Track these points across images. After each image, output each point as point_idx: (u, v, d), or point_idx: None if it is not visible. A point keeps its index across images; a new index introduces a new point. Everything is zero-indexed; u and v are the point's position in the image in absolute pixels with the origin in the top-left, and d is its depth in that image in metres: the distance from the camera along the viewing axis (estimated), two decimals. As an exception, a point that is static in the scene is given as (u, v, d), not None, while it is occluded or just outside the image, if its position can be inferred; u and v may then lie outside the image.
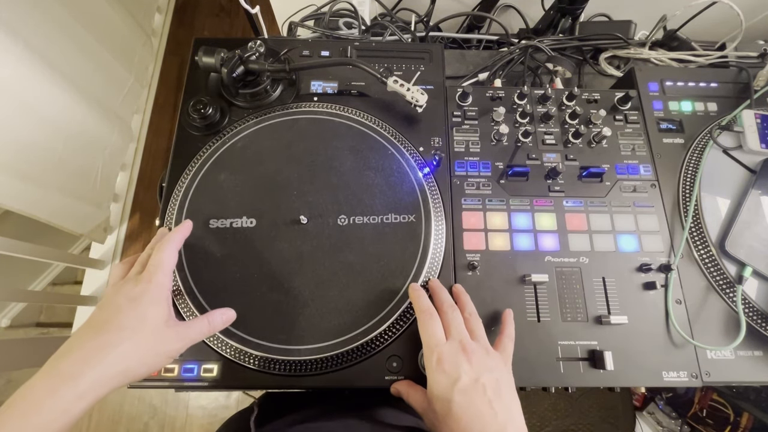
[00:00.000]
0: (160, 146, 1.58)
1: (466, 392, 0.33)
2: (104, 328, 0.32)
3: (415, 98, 0.47)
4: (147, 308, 0.33)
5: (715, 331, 0.45)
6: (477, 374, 0.34)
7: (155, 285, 0.34)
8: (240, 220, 0.45)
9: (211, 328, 0.37)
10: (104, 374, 0.30)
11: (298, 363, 0.41)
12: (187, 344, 0.35)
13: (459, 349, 0.35)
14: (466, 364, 0.34)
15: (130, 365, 0.32)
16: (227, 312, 0.39)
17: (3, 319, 1.30)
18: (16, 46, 0.92)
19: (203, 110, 0.48)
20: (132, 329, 0.32)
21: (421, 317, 0.38)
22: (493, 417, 0.32)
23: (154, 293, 0.34)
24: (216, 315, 0.38)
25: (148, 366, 0.33)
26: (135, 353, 0.32)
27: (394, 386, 0.40)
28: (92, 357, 0.30)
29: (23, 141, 0.97)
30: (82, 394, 0.29)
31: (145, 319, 0.33)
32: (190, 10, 1.83)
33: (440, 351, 0.35)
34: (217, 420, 1.32)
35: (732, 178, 0.51)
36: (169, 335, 0.34)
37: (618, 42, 0.69)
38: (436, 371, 0.34)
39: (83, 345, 0.31)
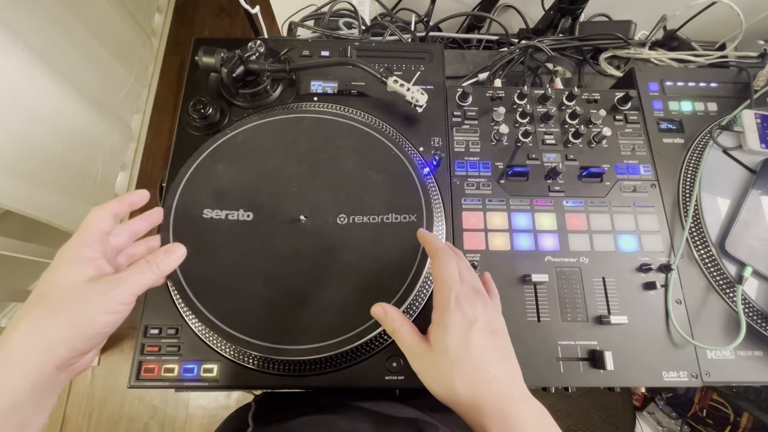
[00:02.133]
0: (160, 146, 1.58)
1: (483, 334, 0.33)
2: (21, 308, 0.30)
3: (415, 98, 0.47)
4: (57, 271, 0.30)
5: (715, 331, 0.45)
6: (491, 319, 0.34)
7: (69, 246, 0.32)
8: (237, 212, 0.44)
9: (153, 269, 0.33)
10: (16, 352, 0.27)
11: (297, 363, 0.41)
12: (126, 294, 0.31)
13: (474, 292, 0.35)
14: (482, 307, 0.34)
15: (47, 335, 0.28)
16: (174, 248, 0.35)
17: (3, 319, 1.30)
18: (16, 46, 0.92)
19: (203, 110, 0.48)
20: (42, 296, 0.29)
21: (438, 254, 0.36)
22: (504, 361, 0.33)
23: (67, 254, 0.31)
24: (159, 255, 0.34)
25: (77, 329, 0.29)
26: (50, 320, 0.28)
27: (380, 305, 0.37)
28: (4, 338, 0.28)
29: (23, 141, 0.97)
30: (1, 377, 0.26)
31: (56, 281, 0.30)
32: (190, 10, 1.83)
33: (458, 290, 0.34)
34: (217, 420, 1.31)
35: (732, 178, 0.51)
36: (94, 289, 0.30)
37: (618, 42, 0.69)
38: (455, 309, 0.33)
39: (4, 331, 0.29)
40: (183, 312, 0.43)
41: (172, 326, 0.42)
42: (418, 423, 0.41)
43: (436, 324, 0.34)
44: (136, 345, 0.42)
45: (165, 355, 0.42)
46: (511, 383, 0.33)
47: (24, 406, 0.27)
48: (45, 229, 1.14)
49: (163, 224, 0.42)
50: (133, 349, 0.42)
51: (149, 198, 0.39)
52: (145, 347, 0.42)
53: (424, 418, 0.42)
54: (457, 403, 0.32)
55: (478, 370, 0.32)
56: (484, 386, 0.31)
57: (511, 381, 0.33)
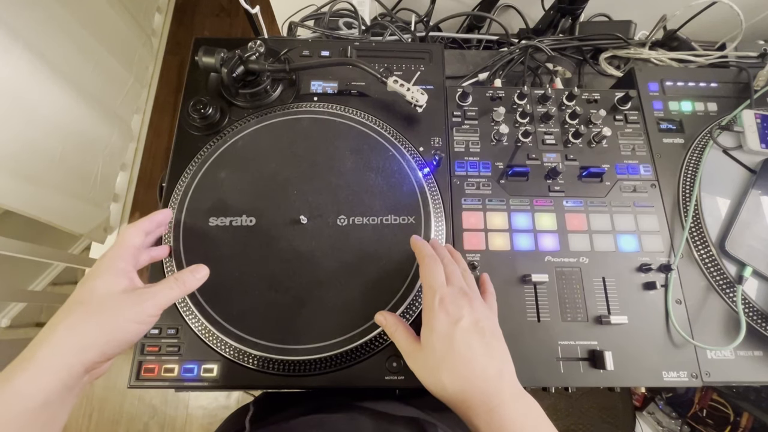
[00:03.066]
0: (160, 146, 1.58)
1: (468, 332, 0.34)
2: (59, 311, 0.32)
3: (415, 98, 0.47)
4: (95, 280, 0.33)
5: (715, 331, 0.45)
6: (477, 317, 0.35)
7: (107, 258, 0.35)
8: (240, 218, 0.45)
9: (180, 286, 0.36)
10: (53, 352, 0.29)
11: (297, 363, 0.41)
12: (155, 307, 0.34)
13: (460, 294, 0.36)
14: (468, 307, 0.35)
15: (82, 339, 0.30)
16: (198, 269, 0.38)
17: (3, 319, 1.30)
18: (16, 46, 0.92)
19: (203, 110, 0.48)
20: (80, 302, 0.32)
21: (425, 260, 0.38)
22: (491, 357, 0.34)
23: (105, 265, 0.34)
24: (185, 273, 0.37)
25: (109, 335, 0.31)
26: (84, 325, 0.31)
27: (381, 314, 0.40)
28: (42, 338, 0.30)
29: (23, 141, 0.97)
30: (34, 376, 0.28)
31: (94, 290, 0.33)
32: (190, 10, 1.83)
33: (443, 292, 0.36)
34: (217, 420, 1.31)
35: (732, 178, 0.51)
36: (127, 300, 0.33)
37: (618, 42, 0.69)
38: (439, 310, 0.35)
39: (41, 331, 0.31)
40: (183, 312, 0.43)
41: (172, 326, 0.42)
42: (418, 422, 0.41)
43: (425, 325, 0.36)
44: (136, 345, 0.42)
45: (165, 355, 0.42)
46: (500, 378, 0.34)
47: (53, 404, 0.29)
48: (45, 229, 1.14)
49: (174, 236, 0.44)
50: (133, 349, 0.42)
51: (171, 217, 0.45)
52: (145, 347, 0.42)
53: (424, 417, 0.42)
54: (447, 399, 0.34)
55: (464, 366, 0.33)
56: (470, 381, 0.33)
57: (499, 376, 0.34)
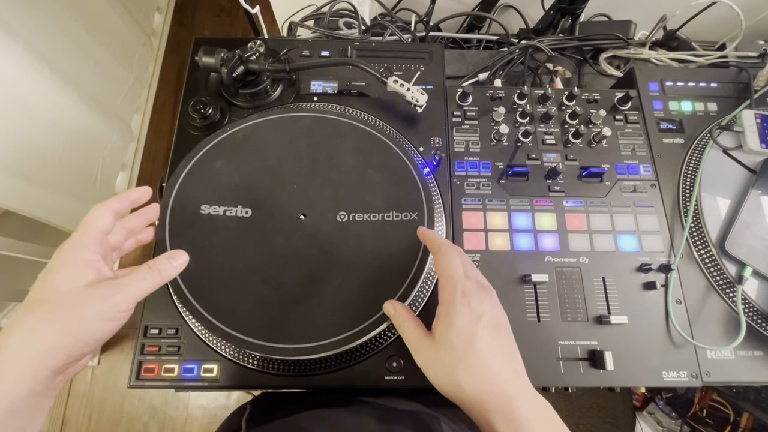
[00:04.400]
0: (160, 146, 1.58)
1: (489, 329, 0.32)
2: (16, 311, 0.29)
3: (415, 98, 0.47)
4: (56, 274, 0.29)
5: (715, 331, 0.45)
6: (496, 314, 0.34)
7: (67, 247, 0.31)
8: (235, 208, 0.43)
9: (155, 275, 0.32)
10: (13, 358, 0.27)
11: (297, 363, 0.41)
12: (126, 301, 0.30)
13: (479, 287, 0.34)
14: (489, 302, 0.34)
15: (44, 341, 0.27)
16: (175, 255, 0.34)
17: (3, 319, 1.30)
18: (16, 46, 0.92)
19: (203, 110, 0.48)
20: (39, 301, 0.29)
21: (441, 249, 0.36)
22: (510, 356, 0.33)
23: (65, 256, 0.30)
24: (161, 261, 0.33)
25: (76, 335, 0.28)
26: (46, 326, 0.28)
27: (392, 303, 0.37)
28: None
29: (23, 141, 0.97)
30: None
31: (55, 285, 0.29)
32: (190, 10, 1.83)
33: (464, 284, 0.33)
34: (217, 420, 1.31)
35: (732, 178, 0.51)
36: (93, 295, 0.29)
37: (618, 42, 0.69)
38: (461, 303, 0.32)
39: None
40: (183, 312, 0.42)
41: (172, 326, 0.42)
42: (423, 416, 0.41)
43: (442, 319, 0.33)
44: (136, 345, 0.42)
45: (165, 355, 0.41)
46: (517, 378, 0.33)
47: (21, 411, 0.27)
48: (45, 229, 1.14)
49: (160, 219, 0.41)
50: (133, 349, 0.42)
51: (150, 195, 0.39)
52: (145, 347, 0.42)
53: (427, 412, 0.41)
54: (462, 398, 0.32)
55: (483, 365, 0.31)
56: (490, 381, 0.31)
57: (516, 375, 0.33)
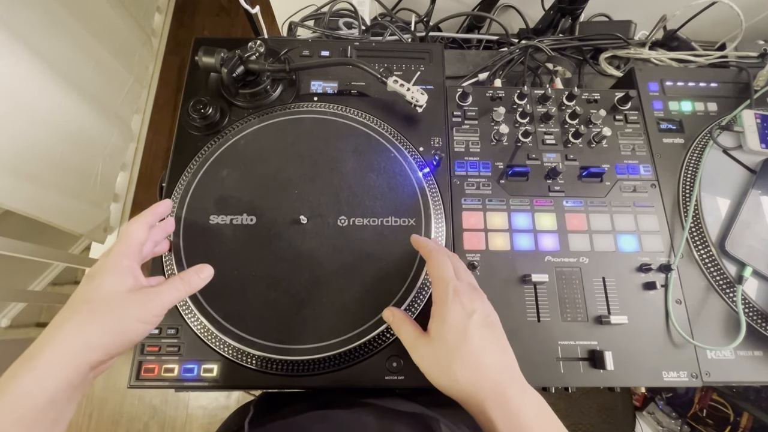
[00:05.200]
0: (160, 146, 1.58)
1: (481, 325, 0.34)
2: (63, 308, 0.32)
3: (415, 98, 0.47)
4: (102, 278, 0.33)
5: (715, 331, 0.45)
6: (488, 312, 0.36)
7: (112, 255, 0.34)
8: (240, 217, 0.45)
9: (186, 286, 0.36)
10: (60, 351, 0.29)
11: (297, 363, 0.41)
12: (160, 307, 0.34)
13: (470, 288, 0.36)
14: (480, 301, 0.36)
15: (89, 338, 0.30)
16: (203, 269, 0.38)
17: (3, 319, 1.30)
18: (16, 46, 0.92)
19: (203, 110, 0.48)
20: (86, 301, 0.32)
21: (432, 254, 0.38)
22: (502, 351, 0.35)
23: (111, 263, 0.34)
24: (190, 273, 0.37)
25: (115, 335, 0.31)
26: (91, 324, 0.31)
27: (390, 309, 0.40)
28: (48, 336, 0.30)
29: (23, 141, 0.97)
30: (42, 375, 0.28)
31: (100, 288, 0.32)
32: (190, 10, 1.83)
33: (455, 284, 0.35)
34: (217, 420, 1.32)
35: (732, 178, 0.51)
36: (133, 300, 0.33)
37: (618, 42, 0.69)
38: (453, 302, 0.34)
39: (46, 329, 0.31)
40: (183, 312, 0.43)
41: (172, 326, 0.42)
42: (422, 417, 0.41)
43: (435, 317, 0.35)
44: (136, 345, 0.42)
45: (165, 355, 0.42)
46: (511, 372, 0.34)
47: (60, 401, 0.29)
48: (45, 229, 1.14)
49: (174, 232, 0.44)
50: (133, 349, 0.42)
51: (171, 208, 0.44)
52: (145, 347, 0.42)
53: (427, 413, 0.42)
54: (457, 391, 0.33)
55: (477, 358, 0.33)
56: (483, 373, 0.33)
57: (510, 369, 0.34)
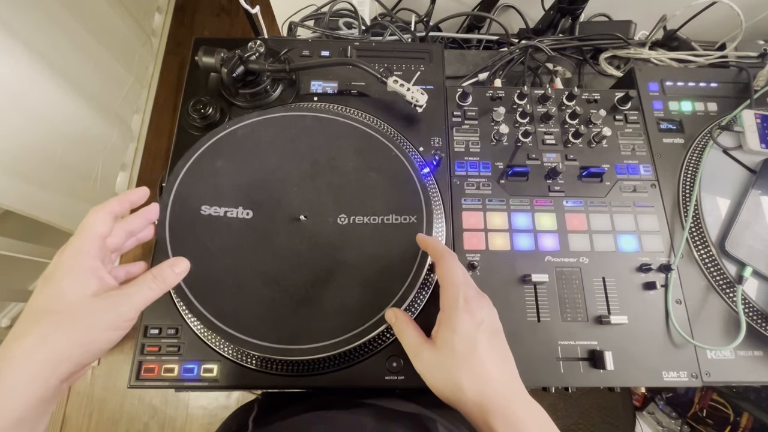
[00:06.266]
0: (160, 146, 1.58)
1: (490, 334, 0.34)
2: (21, 317, 0.29)
3: (415, 98, 0.47)
4: (60, 282, 0.29)
5: (715, 331, 0.45)
6: (494, 320, 0.35)
7: (68, 253, 0.30)
8: (236, 210, 0.43)
9: (160, 284, 0.32)
10: (24, 368, 0.27)
11: (297, 363, 0.41)
12: (133, 310, 0.31)
13: (479, 294, 0.36)
14: (488, 308, 0.35)
15: (54, 352, 0.27)
16: (177, 263, 0.34)
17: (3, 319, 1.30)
18: (16, 46, 0.92)
19: (203, 110, 0.48)
20: (45, 310, 0.28)
21: (444, 256, 0.37)
22: (507, 361, 0.35)
23: (68, 262, 0.30)
24: (164, 269, 0.33)
25: (84, 346, 0.29)
26: (56, 336, 0.28)
27: (393, 311, 0.39)
28: (7, 351, 0.27)
29: (23, 141, 0.97)
30: (6, 394, 0.26)
31: (60, 294, 0.29)
32: (190, 10, 1.83)
33: (467, 291, 0.35)
34: (217, 420, 1.31)
35: (732, 178, 0.51)
36: (100, 306, 0.29)
37: (618, 42, 0.69)
38: (464, 310, 0.34)
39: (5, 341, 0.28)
40: (183, 312, 0.43)
41: (172, 326, 0.42)
42: (421, 418, 0.41)
43: (444, 325, 0.34)
44: (136, 345, 0.42)
45: (165, 355, 0.41)
46: (515, 383, 0.34)
47: (29, 419, 0.27)
48: (45, 229, 1.14)
49: (160, 220, 0.41)
50: (133, 349, 0.42)
51: (149, 195, 0.38)
52: (145, 347, 0.42)
53: (426, 414, 0.41)
54: (462, 402, 0.32)
55: (485, 370, 0.32)
56: (490, 385, 0.32)
57: (514, 380, 0.34)
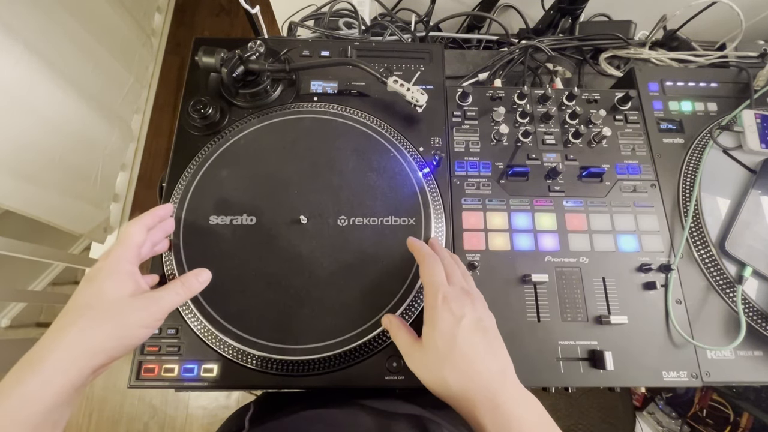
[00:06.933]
0: (160, 146, 1.58)
1: (471, 330, 0.34)
2: (64, 311, 0.32)
3: (415, 98, 0.47)
4: (103, 282, 0.33)
5: (715, 331, 0.45)
6: (479, 315, 0.35)
7: (112, 258, 0.35)
8: (240, 217, 0.45)
9: (186, 290, 0.37)
10: (65, 356, 0.30)
11: (297, 363, 0.41)
12: (162, 311, 0.35)
13: (462, 292, 0.36)
14: (470, 305, 0.36)
15: (93, 343, 0.31)
16: (201, 273, 0.39)
17: (3, 319, 1.30)
18: (16, 46, 0.92)
19: (203, 110, 0.48)
20: (88, 305, 0.32)
21: (426, 259, 0.38)
22: (494, 356, 0.35)
23: (110, 266, 0.34)
24: (190, 277, 0.38)
25: (118, 340, 0.32)
26: (95, 329, 0.31)
27: (387, 317, 0.40)
28: (52, 340, 0.31)
29: (23, 141, 0.97)
30: (47, 379, 0.29)
31: (102, 293, 0.33)
32: (190, 10, 1.83)
33: (445, 290, 0.36)
34: (217, 420, 1.32)
35: (732, 178, 0.51)
36: (135, 305, 0.33)
37: (618, 42, 0.69)
38: (442, 309, 0.35)
39: (48, 332, 0.31)
40: (183, 312, 0.43)
41: (172, 326, 0.42)
42: (420, 419, 0.41)
43: (426, 323, 0.36)
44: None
45: (165, 355, 0.42)
46: (503, 376, 0.34)
47: (62, 404, 0.30)
48: (45, 229, 1.14)
49: (174, 232, 0.44)
50: (134, 349, 0.42)
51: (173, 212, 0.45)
52: (145, 347, 0.42)
53: (426, 415, 0.41)
54: (450, 396, 0.33)
55: (468, 364, 0.33)
56: (475, 378, 0.33)
57: (502, 373, 0.34)
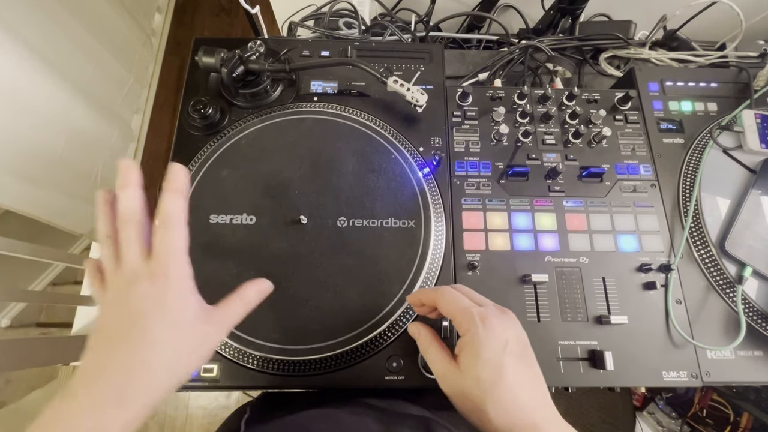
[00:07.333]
0: (160, 146, 1.58)
1: (518, 357, 0.31)
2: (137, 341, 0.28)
3: (415, 98, 0.47)
4: (178, 311, 0.29)
5: (715, 331, 0.45)
6: (519, 337, 0.32)
7: (176, 279, 0.29)
8: (240, 216, 0.45)
9: (246, 304, 0.33)
10: (152, 393, 0.27)
11: (297, 363, 0.41)
12: (228, 331, 0.33)
13: (498, 310, 0.32)
14: (513, 327, 0.32)
15: (174, 375, 0.29)
16: (260, 283, 0.35)
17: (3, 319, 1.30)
18: (16, 46, 0.92)
19: (203, 110, 0.48)
20: (169, 339, 0.29)
21: (438, 292, 0.34)
22: (537, 386, 0.31)
23: (178, 289, 0.29)
24: (249, 290, 0.34)
25: (192, 367, 0.30)
26: (177, 362, 0.29)
27: (416, 325, 0.36)
28: (136, 377, 0.27)
29: (23, 141, 0.97)
30: (133, 418, 0.26)
31: (180, 324, 0.29)
32: (190, 10, 1.84)
33: (481, 311, 0.31)
34: (217, 420, 1.31)
35: (732, 178, 0.51)
36: (208, 330, 0.31)
37: (618, 42, 0.69)
38: (485, 334, 0.30)
39: (119, 364, 0.27)
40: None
41: (172, 326, 0.42)
42: (426, 421, 0.40)
43: (466, 349, 0.31)
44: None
45: (165, 355, 0.41)
46: (547, 408, 0.31)
47: None
48: (45, 229, 1.14)
49: None
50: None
51: None
52: (145, 347, 0.42)
53: (431, 417, 0.41)
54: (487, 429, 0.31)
55: (513, 398, 0.30)
56: (518, 414, 0.30)
57: (545, 406, 0.31)
